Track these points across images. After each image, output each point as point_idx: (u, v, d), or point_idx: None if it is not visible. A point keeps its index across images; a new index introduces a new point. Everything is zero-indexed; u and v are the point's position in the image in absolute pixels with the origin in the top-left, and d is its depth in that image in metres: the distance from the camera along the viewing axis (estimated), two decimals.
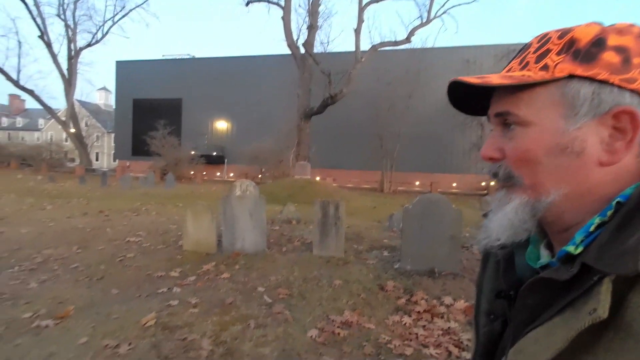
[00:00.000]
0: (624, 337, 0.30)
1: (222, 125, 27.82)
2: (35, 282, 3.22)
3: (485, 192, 16.90)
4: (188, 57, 30.42)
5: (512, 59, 0.43)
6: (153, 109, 27.83)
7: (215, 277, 3.50)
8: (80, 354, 2.07)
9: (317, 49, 18.39)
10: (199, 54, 45.20)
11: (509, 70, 0.42)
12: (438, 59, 20.74)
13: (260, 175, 21.86)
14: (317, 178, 16.19)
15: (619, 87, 0.36)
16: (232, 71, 26.56)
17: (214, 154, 26.69)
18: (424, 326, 2.65)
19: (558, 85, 0.38)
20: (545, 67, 0.38)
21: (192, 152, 22.29)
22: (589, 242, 0.36)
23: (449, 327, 2.64)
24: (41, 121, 44.51)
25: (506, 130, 0.41)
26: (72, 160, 30.63)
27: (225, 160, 26.75)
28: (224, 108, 26.83)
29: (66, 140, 30.82)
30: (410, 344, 2.39)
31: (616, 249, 0.32)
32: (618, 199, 0.36)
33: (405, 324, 2.67)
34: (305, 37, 17.56)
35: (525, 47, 0.42)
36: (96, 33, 24.62)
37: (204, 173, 22.91)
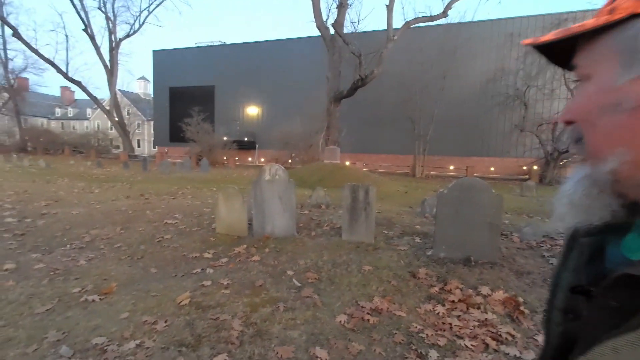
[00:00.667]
0: None
1: (253, 110, 28.24)
2: (84, 260, 3.47)
3: (527, 176, 15.80)
4: (219, 43, 30.87)
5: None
6: (188, 97, 28.84)
7: (246, 259, 3.57)
8: (122, 327, 2.20)
9: (347, 28, 17.81)
10: (230, 40, 45.80)
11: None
12: (477, 34, 19.32)
13: (290, 160, 22.09)
14: (347, 163, 16.01)
15: None
16: (262, 56, 26.64)
17: (246, 139, 27.30)
18: (458, 316, 2.53)
19: (618, 28, 0.32)
20: (613, 10, 0.33)
21: (225, 138, 22.93)
22: None
23: (486, 319, 2.49)
24: (89, 111, 47.81)
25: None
26: (117, 147, 32.84)
27: (257, 146, 27.28)
28: (255, 94, 27.15)
29: (111, 129, 33.01)
30: (444, 334, 2.28)
31: None
32: None
33: (438, 313, 2.56)
34: (335, 16, 17.03)
35: None
36: (134, 23, 25.68)
37: (237, 158, 23.56)
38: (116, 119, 25.44)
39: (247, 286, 2.89)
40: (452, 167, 20.10)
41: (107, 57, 24.40)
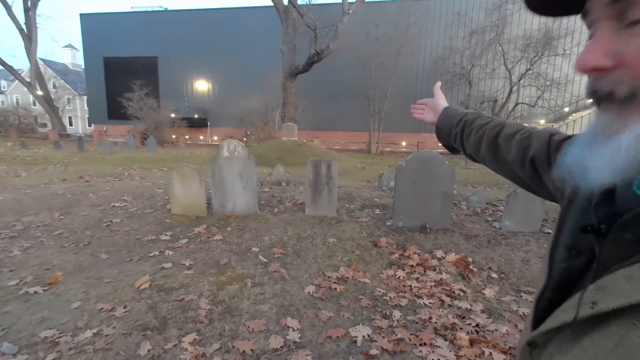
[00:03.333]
0: None
1: (202, 85, 26.48)
2: (18, 250, 3.09)
3: None
4: (161, 9, 27.97)
5: None
6: (127, 68, 26.04)
7: (208, 239, 3.45)
8: (74, 317, 2.03)
9: (302, 0, 17.12)
10: (172, 6, 41.54)
11: None
12: (428, 11, 19.81)
13: (245, 138, 21.35)
14: (304, 140, 15.91)
15: None
16: (211, 25, 24.74)
17: (196, 116, 25.70)
18: (417, 279, 2.73)
19: None
20: None
21: (173, 115, 21.35)
22: None
23: (441, 279, 2.72)
24: (3, 83, 41.15)
25: (627, 25, 0.30)
26: (44, 125, 28.93)
27: (209, 123, 25.86)
28: (205, 67, 25.38)
29: (34, 104, 28.83)
30: (405, 296, 2.46)
31: None
32: None
33: (399, 277, 2.74)
34: None
35: None
36: None
37: (187, 137, 22.17)
38: (40, 93, 22.24)
39: (212, 265, 2.81)
40: (404, 143, 21.02)
41: (22, 20, 20.85)
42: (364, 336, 1.97)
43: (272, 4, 16.83)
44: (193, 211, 4.25)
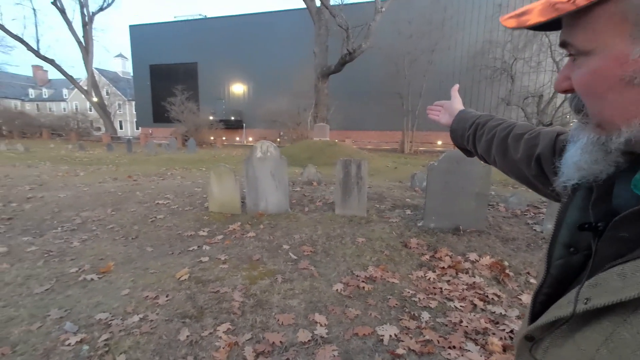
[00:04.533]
0: None
1: (238, 88, 27.47)
2: (77, 241, 3.45)
3: None
4: (200, 17, 29.43)
5: None
6: (170, 74, 27.72)
7: (242, 235, 3.62)
8: (124, 303, 2.25)
9: (334, 0, 17.18)
10: (211, 13, 43.55)
11: None
12: (465, 5, 18.96)
13: (278, 139, 21.82)
14: (336, 140, 15.95)
15: None
16: (246, 30, 25.59)
17: (232, 118, 26.71)
18: (448, 281, 2.67)
19: (618, 0, 0.31)
20: None
21: (211, 118, 22.37)
22: None
23: (473, 282, 2.64)
24: (65, 91, 45.57)
25: (573, 58, 0.36)
26: (98, 129, 31.67)
27: (244, 125, 26.77)
28: (240, 70, 26.30)
29: (90, 110, 31.68)
30: (435, 298, 2.42)
31: None
32: None
33: (429, 278, 2.69)
34: None
35: None
36: None
37: (224, 138, 23.15)
38: (95, 99, 24.38)
39: (245, 261, 2.95)
40: (439, 142, 20.30)
41: (80, 33, 23.00)
42: (390, 335, 1.98)
43: (304, 6, 17.10)
44: (228, 209, 4.46)
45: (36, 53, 21.54)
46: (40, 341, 1.86)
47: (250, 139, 26.23)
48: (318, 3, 16.48)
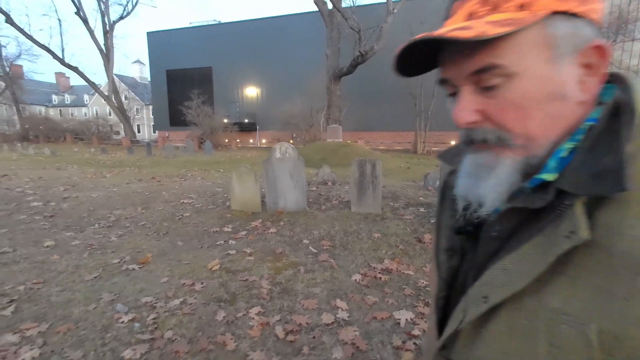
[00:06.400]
0: (595, 254, 0.31)
1: (252, 91, 28.00)
2: (115, 236, 3.76)
3: None
4: (215, 23, 30.14)
5: (460, 1, 0.37)
6: (185, 79, 28.51)
7: (264, 231, 3.86)
8: (164, 289, 2.50)
9: (346, 2, 17.40)
10: (225, 18, 44.49)
11: (470, 15, 0.35)
12: None
13: (291, 141, 22.16)
14: (348, 141, 16.13)
15: (588, 19, 0.34)
16: (259, 34, 26.09)
17: (246, 121, 27.24)
18: None
19: (539, 25, 0.33)
20: (522, 6, 0.33)
21: (225, 120, 22.90)
22: (563, 168, 0.35)
23: None
24: (86, 97, 47.34)
25: (484, 89, 0.36)
26: (117, 133, 32.83)
27: (257, 127, 27.26)
28: (253, 74, 26.80)
29: (110, 114, 32.89)
30: None
31: (591, 170, 0.32)
32: (590, 122, 0.35)
33: None
34: None
35: None
36: (126, 4, 24.98)
37: (238, 140, 23.63)
38: (115, 104, 25.32)
39: (269, 253, 3.18)
40: (453, 142, 20.18)
41: (101, 41, 23.97)
42: (407, 319, 2.16)
43: (316, 9, 17.37)
44: (249, 207, 4.72)
45: (61, 61, 22.59)
46: (98, 319, 2.12)
47: (264, 140, 26.69)
48: (330, 6, 16.75)
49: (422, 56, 0.39)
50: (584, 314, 0.31)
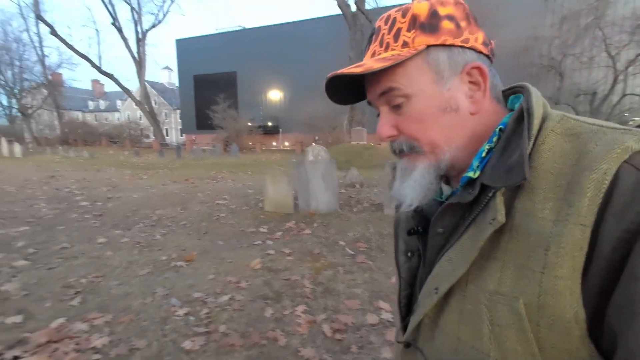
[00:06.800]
0: (515, 236, 0.36)
1: (275, 95, 28.48)
2: (159, 235, 3.97)
3: None
4: (239, 28, 30.94)
5: (368, 45, 0.46)
6: (211, 84, 29.43)
7: (298, 232, 3.95)
8: (212, 286, 2.63)
9: (369, 4, 17.39)
10: (250, 24, 45.59)
11: (373, 55, 0.45)
12: (508, 0, 18.23)
13: (314, 143, 22.33)
14: (371, 143, 16.04)
15: (461, 47, 0.42)
16: (282, 39, 26.53)
17: (269, 124, 27.73)
18: None
19: (421, 56, 0.42)
20: (405, 44, 0.42)
21: (249, 124, 23.44)
22: (483, 166, 0.41)
23: None
24: (119, 102, 49.86)
25: (394, 108, 0.44)
26: (147, 136, 34.37)
27: (280, 130, 27.68)
28: (276, 77, 27.26)
29: (140, 119, 34.49)
30: None
31: (503, 166, 0.38)
32: (500, 127, 0.42)
33: None
34: None
35: (377, 31, 0.45)
36: (158, 13, 26.24)
37: (261, 143, 24.09)
38: (147, 109, 26.51)
39: (306, 254, 3.26)
40: None
41: (134, 49, 25.22)
42: None
43: (339, 12, 17.47)
44: (282, 208, 4.83)
45: (98, 69, 23.98)
46: (156, 312, 2.27)
47: (286, 143, 27.05)
48: (353, 8, 16.80)
49: (354, 85, 0.48)
50: (513, 292, 0.35)
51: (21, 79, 30.57)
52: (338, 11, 17.55)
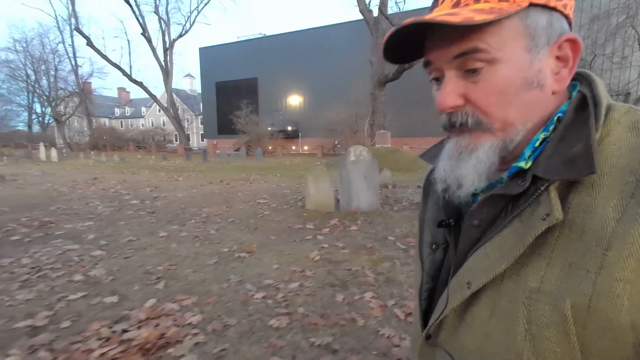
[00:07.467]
0: (567, 233, 0.33)
1: (295, 100, 28.94)
2: (213, 230, 4.21)
3: None
4: (260, 36, 31.71)
5: None
6: (233, 90, 30.21)
7: (345, 229, 4.10)
8: (279, 274, 2.81)
9: (392, 9, 17.54)
10: (270, 31, 46.65)
11: (457, 5, 0.37)
12: None
13: (334, 147, 22.53)
14: (396, 147, 16.07)
15: (561, 13, 0.37)
16: (303, 45, 27.01)
17: (289, 128, 28.16)
18: None
19: (520, 16, 0.35)
20: None
21: (269, 128, 23.91)
22: (536, 157, 0.37)
23: None
24: (143, 109, 51.77)
25: (467, 74, 0.37)
26: (171, 141, 35.57)
27: (300, 134, 28.05)
28: (296, 83, 27.72)
29: (163, 124, 35.76)
30: None
31: (562, 157, 0.35)
32: (558, 114, 0.38)
33: None
34: None
35: None
36: (185, 24, 27.28)
37: (282, 147, 24.49)
38: (173, 115, 27.49)
39: (360, 248, 3.41)
40: None
41: (162, 58, 26.29)
42: None
43: (358, 18, 17.70)
44: (323, 207, 5.00)
45: (129, 77, 25.13)
46: (235, 296, 2.47)
47: (306, 147, 27.37)
48: (375, 13, 16.99)
49: (411, 43, 0.40)
50: (559, 291, 0.33)
51: (56, 88, 32.37)
52: (356, 17, 17.80)
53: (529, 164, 0.37)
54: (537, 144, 0.38)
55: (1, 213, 4.98)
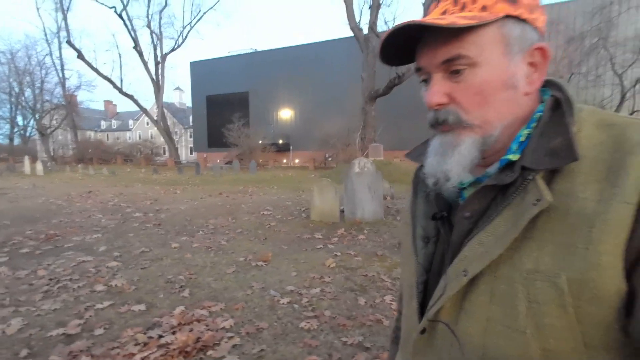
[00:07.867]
0: (553, 216, 0.37)
1: (286, 114, 29.29)
2: (224, 241, 4.28)
3: None
4: (252, 51, 32.21)
5: (437, 2, 0.44)
6: (223, 104, 30.37)
7: (353, 238, 4.24)
8: (299, 281, 2.92)
9: (382, 28, 18.25)
10: (262, 46, 47.37)
11: (444, 12, 0.43)
12: None
13: (325, 160, 22.82)
14: (388, 160, 16.45)
15: (533, 26, 0.42)
16: (294, 60, 27.58)
17: (280, 141, 28.38)
18: None
19: (498, 25, 0.40)
20: (484, 8, 0.40)
21: (260, 142, 24.06)
22: (522, 150, 0.42)
23: None
24: (131, 122, 51.16)
25: (451, 75, 0.42)
26: (159, 154, 35.18)
27: (291, 147, 28.28)
28: (288, 97, 28.14)
29: (152, 138, 35.41)
30: None
31: (544, 150, 0.39)
32: (538, 113, 0.43)
33: None
34: (368, 17, 17.53)
35: None
36: (177, 38, 27.47)
37: (274, 160, 24.62)
38: (163, 128, 27.31)
39: (371, 255, 3.55)
40: None
41: (153, 71, 26.32)
42: None
43: (350, 35, 18.33)
44: (328, 217, 5.14)
45: (120, 90, 24.98)
46: (260, 301, 2.56)
47: (297, 160, 27.57)
48: (366, 31, 17.65)
49: (404, 48, 0.45)
50: (554, 268, 0.36)
51: (42, 100, 31.78)
52: (347, 34, 18.41)
53: (517, 156, 0.42)
54: (521, 139, 0.43)
55: (3, 227, 4.91)
